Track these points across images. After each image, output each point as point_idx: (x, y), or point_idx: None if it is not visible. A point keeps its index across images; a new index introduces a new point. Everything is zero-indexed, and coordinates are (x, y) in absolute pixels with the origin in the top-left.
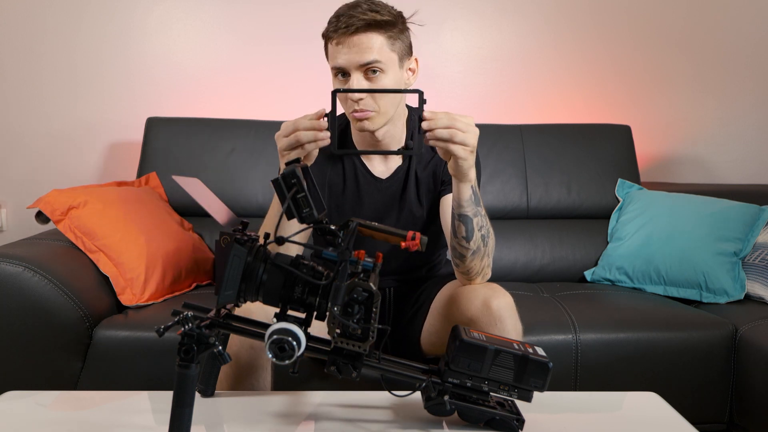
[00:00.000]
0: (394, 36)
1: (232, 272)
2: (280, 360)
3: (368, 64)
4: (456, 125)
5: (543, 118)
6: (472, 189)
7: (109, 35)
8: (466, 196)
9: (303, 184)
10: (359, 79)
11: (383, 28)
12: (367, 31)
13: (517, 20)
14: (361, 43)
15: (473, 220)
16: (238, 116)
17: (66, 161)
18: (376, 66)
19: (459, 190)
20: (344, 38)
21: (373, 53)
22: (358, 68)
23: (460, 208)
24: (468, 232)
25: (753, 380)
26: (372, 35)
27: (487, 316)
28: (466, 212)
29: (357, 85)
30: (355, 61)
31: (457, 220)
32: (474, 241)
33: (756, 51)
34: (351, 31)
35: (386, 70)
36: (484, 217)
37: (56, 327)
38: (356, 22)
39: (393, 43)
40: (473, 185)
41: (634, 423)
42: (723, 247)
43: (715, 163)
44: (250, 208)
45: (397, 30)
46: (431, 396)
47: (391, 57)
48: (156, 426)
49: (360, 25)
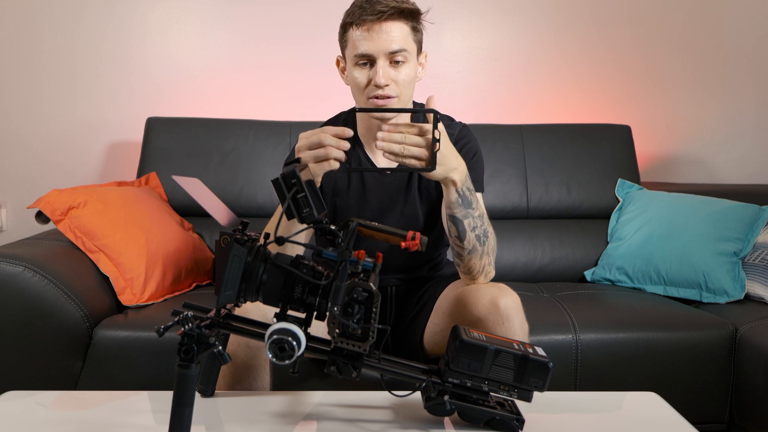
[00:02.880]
0: (417, 27)
1: (232, 272)
2: (280, 360)
3: (396, 52)
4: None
5: (543, 118)
6: (458, 192)
7: (109, 35)
8: (452, 199)
9: (303, 184)
10: (385, 66)
11: (409, 17)
12: (397, 18)
13: (517, 20)
14: (390, 31)
15: (464, 222)
16: (238, 116)
17: (66, 161)
18: (403, 54)
19: (445, 192)
20: (373, 24)
21: (401, 41)
22: (385, 56)
23: (449, 209)
24: (460, 232)
25: (753, 380)
26: (400, 23)
27: (495, 315)
28: (455, 214)
29: (383, 72)
30: (384, 48)
31: (449, 220)
32: (468, 241)
33: (756, 51)
34: (381, 18)
35: (409, 60)
36: (479, 218)
37: (56, 327)
38: (385, 9)
39: (415, 34)
40: (459, 189)
41: (634, 423)
42: (723, 247)
43: (715, 163)
44: (250, 208)
45: (418, 22)
46: (431, 396)
47: (413, 48)
48: (156, 426)
49: (389, 12)
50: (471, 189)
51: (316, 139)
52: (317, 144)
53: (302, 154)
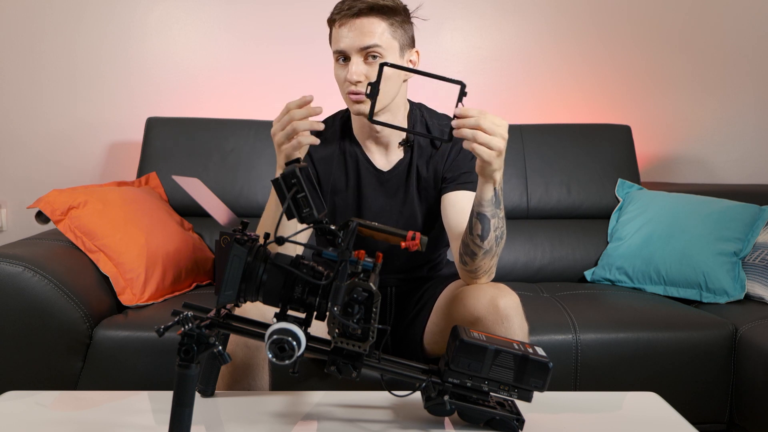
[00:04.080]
0: (397, 24)
1: (232, 272)
2: (280, 360)
3: (368, 47)
4: (482, 125)
5: (543, 118)
6: (494, 190)
7: (109, 35)
8: (488, 197)
9: (303, 184)
10: (359, 63)
11: (386, 14)
12: (370, 15)
13: (517, 20)
14: (363, 27)
15: (491, 221)
16: (238, 116)
17: (66, 161)
18: (376, 51)
19: (481, 189)
20: (347, 20)
21: (374, 37)
22: (358, 51)
23: (480, 206)
24: (484, 231)
25: (753, 380)
26: (374, 20)
27: (494, 315)
28: (485, 212)
29: (355, 68)
30: (357, 44)
31: (475, 217)
32: (488, 241)
33: (756, 51)
34: (353, 13)
35: (385, 57)
36: (502, 219)
37: (56, 327)
38: (359, 4)
39: (395, 31)
40: (496, 187)
41: (634, 423)
42: (723, 247)
43: (715, 163)
44: (250, 208)
45: (400, 19)
46: (431, 396)
47: (392, 44)
48: (156, 426)
49: (363, 8)
50: (502, 190)
51: (286, 119)
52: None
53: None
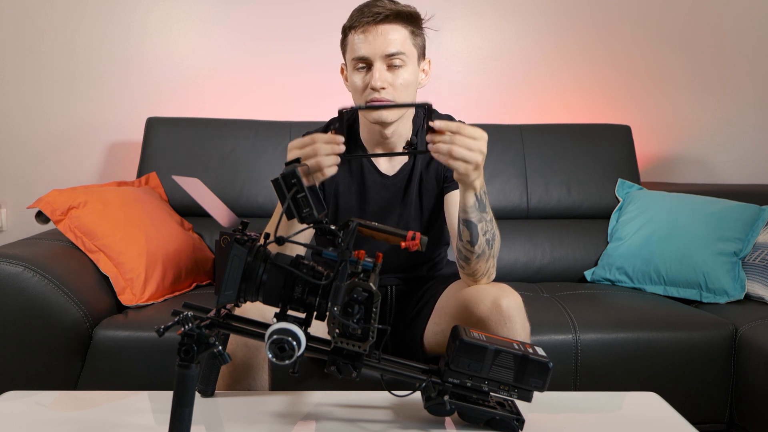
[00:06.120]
0: (416, 32)
1: (232, 272)
2: (280, 360)
3: (393, 55)
4: (457, 141)
5: (543, 118)
6: (476, 197)
7: (109, 35)
8: (470, 203)
9: (303, 184)
10: (382, 69)
11: (407, 21)
12: (394, 21)
13: (517, 20)
14: (387, 33)
15: (477, 226)
16: (238, 116)
17: (66, 161)
18: (400, 58)
19: (463, 197)
20: (370, 27)
21: (398, 44)
22: (382, 59)
23: (465, 213)
24: (473, 237)
25: (753, 380)
26: (397, 26)
27: (497, 315)
28: (471, 218)
29: (379, 75)
30: (381, 51)
31: (462, 224)
32: (479, 245)
33: (756, 51)
34: (378, 20)
35: (407, 64)
36: (490, 222)
37: (56, 327)
38: (383, 11)
39: (414, 39)
40: (478, 193)
41: (634, 423)
42: (723, 247)
43: (715, 163)
44: (250, 208)
45: (418, 26)
46: (431, 396)
47: (413, 52)
48: (156, 426)
49: (387, 14)
50: (486, 193)
51: (309, 151)
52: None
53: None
